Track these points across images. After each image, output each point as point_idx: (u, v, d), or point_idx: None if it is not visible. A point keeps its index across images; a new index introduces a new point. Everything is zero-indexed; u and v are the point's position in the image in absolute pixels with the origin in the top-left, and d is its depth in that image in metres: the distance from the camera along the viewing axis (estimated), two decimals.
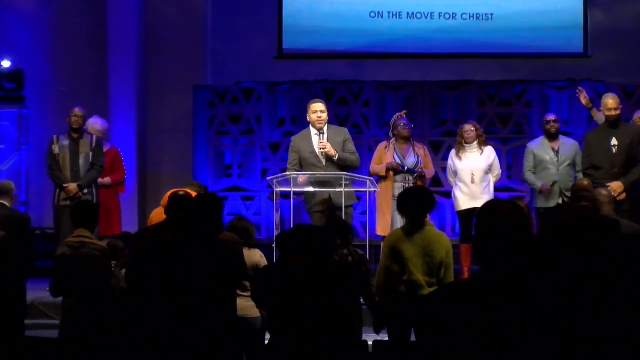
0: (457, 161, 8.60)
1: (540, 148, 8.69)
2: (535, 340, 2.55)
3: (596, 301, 2.69)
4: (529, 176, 8.69)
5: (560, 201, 8.54)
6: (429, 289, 5.35)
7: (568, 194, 8.53)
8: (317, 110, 7.92)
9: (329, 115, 10.61)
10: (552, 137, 8.68)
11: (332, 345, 4.29)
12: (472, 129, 8.62)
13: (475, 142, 8.60)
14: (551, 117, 8.80)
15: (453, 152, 8.72)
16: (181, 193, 5.73)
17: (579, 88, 9.07)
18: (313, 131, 7.90)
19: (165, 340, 4.78)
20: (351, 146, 7.91)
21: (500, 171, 8.75)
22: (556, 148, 8.65)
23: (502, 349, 2.55)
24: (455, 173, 8.64)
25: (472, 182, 8.48)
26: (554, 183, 8.54)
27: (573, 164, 8.65)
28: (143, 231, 5.95)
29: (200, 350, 4.88)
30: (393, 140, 8.47)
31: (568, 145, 8.71)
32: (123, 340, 4.95)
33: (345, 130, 8.10)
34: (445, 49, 11.72)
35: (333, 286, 4.37)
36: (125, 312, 5.24)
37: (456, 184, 8.64)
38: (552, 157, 8.62)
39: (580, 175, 8.55)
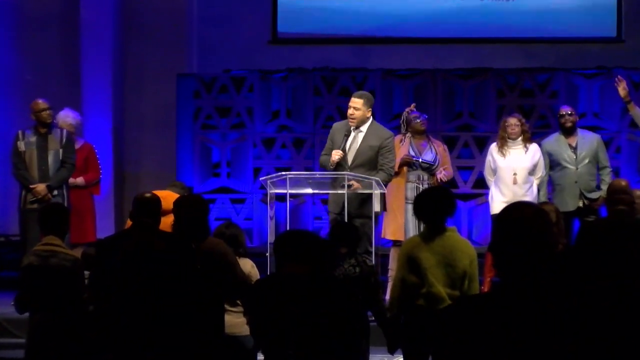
0: (498, 158, 8.60)
1: (555, 145, 8.70)
2: (563, 357, 2.56)
3: (630, 315, 2.68)
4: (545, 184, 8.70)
5: (580, 204, 8.55)
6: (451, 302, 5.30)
7: (590, 195, 8.53)
8: (351, 105, 7.83)
9: (329, 108, 10.70)
10: (568, 132, 8.69)
11: None
12: (517, 123, 8.63)
13: (520, 138, 8.62)
14: (566, 109, 8.81)
15: (494, 147, 8.72)
16: (147, 195, 5.68)
17: (618, 77, 9.03)
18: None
19: None
20: (388, 155, 7.73)
21: (544, 172, 8.70)
22: (574, 144, 8.66)
23: None
24: (495, 171, 8.63)
25: (514, 182, 8.49)
26: (574, 183, 8.53)
27: (595, 161, 8.65)
28: (103, 240, 5.90)
29: None
30: (409, 134, 8.49)
31: (587, 140, 8.71)
32: None
33: (386, 136, 7.83)
34: (460, 33, 11.69)
35: (336, 299, 4.34)
36: (98, 330, 5.21)
37: (495, 184, 8.63)
38: (569, 155, 8.62)
39: (605, 173, 8.56)
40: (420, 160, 8.33)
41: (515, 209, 2.79)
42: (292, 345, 4.27)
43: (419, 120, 8.52)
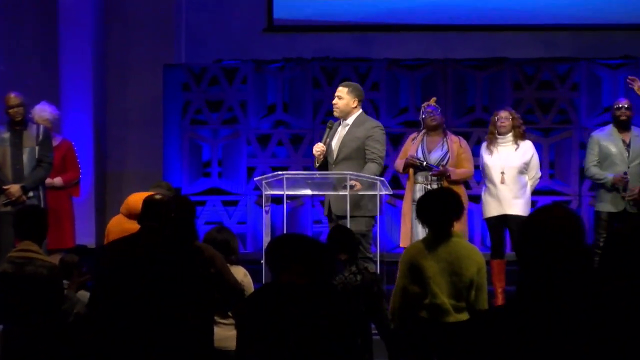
0: (486, 155, 8.63)
1: (608, 138, 8.71)
2: None
3: None
4: (594, 170, 8.67)
5: (627, 206, 8.57)
6: (456, 314, 5.33)
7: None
8: (335, 94, 7.96)
9: (329, 101, 10.66)
10: (623, 126, 8.70)
11: None
12: (508, 116, 8.65)
13: (510, 134, 8.63)
14: (623, 102, 8.82)
15: (484, 144, 8.76)
16: (157, 197, 5.73)
17: (630, 77, 9.08)
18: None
19: None
20: (375, 145, 7.80)
21: (540, 173, 8.75)
22: (627, 140, 8.67)
23: None
24: (484, 170, 8.70)
25: (502, 182, 8.50)
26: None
27: None
28: (110, 246, 5.95)
29: None
30: (424, 131, 8.53)
31: None
32: None
33: (372, 125, 7.92)
34: (473, 19, 11.72)
35: (338, 311, 4.37)
36: (80, 344, 5.25)
37: (484, 184, 8.69)
38: (621, 151, 8.63)
39: None
40: (425, 164, 8.31)
41: (542, 212, 2.82)
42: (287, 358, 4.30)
43: (431, 116, 8.51)
